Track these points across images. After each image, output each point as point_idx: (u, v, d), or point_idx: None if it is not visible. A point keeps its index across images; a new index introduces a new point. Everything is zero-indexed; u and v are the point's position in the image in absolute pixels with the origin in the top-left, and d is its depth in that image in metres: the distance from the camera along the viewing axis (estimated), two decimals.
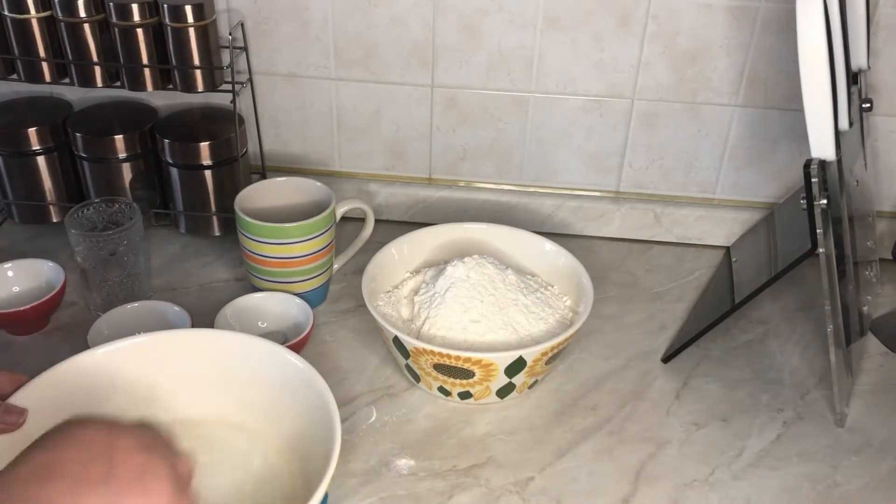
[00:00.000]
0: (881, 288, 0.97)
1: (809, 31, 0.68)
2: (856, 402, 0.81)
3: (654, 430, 0.78)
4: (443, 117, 0.99)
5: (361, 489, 0.71)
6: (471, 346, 0.77)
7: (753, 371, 0.85)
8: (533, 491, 0.71)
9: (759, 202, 1.02)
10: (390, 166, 1.04)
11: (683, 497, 0.71)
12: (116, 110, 0.99)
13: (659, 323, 0.91)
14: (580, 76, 0.95)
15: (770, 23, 0.90)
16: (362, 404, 0.79)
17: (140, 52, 0.89)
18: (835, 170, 0.76)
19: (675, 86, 0.95)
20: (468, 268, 0.80)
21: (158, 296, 0.90)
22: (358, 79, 0.98)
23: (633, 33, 0.92)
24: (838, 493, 0.72)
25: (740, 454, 0.76)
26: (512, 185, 1.04)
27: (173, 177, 0.96)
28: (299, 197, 0.91)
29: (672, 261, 1.01)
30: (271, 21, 0.95)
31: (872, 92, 0.92)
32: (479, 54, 0.95)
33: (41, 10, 0.87)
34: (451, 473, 0.73)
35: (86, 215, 0.86)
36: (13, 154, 0.95)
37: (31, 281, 0.87)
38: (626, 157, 1.01)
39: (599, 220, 1.03)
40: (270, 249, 0.84)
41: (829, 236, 0.73)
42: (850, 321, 0.81)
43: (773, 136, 0.97)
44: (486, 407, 0.79)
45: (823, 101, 0.70)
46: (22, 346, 0.84)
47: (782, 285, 0.86)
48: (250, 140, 1.01)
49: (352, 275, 0.94)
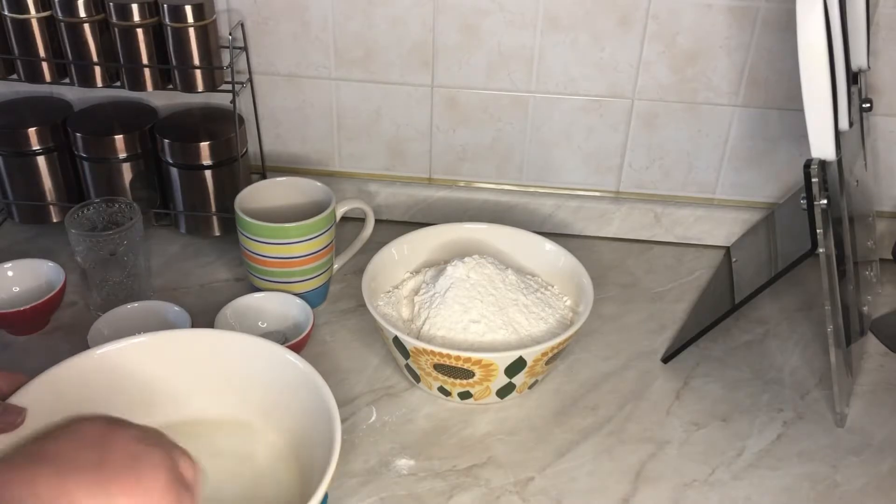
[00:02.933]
0: (881, 288, 0.97)
1: (809, 31, 0.68)
2: (856, 402, 0.81)
3: (654, 430, 0.78)
4: (443, 117, 0.99)
5: (361, 489, 0.71)
6: (471, 346, 0.77)
7: (753, 371, 0.85)
8: (533, 491, 0.71)
9: (759, 202, 1.02)
10: (390, 166, 1.04)
11: (683, 497, 0.71)
12: (116, 110, 0.99)
13: (659, 323, 0.91)
14: (580, 76, 0.95)
15: (770, 23, 0.90)
16: (362, 404, 0.79)
17: (140, 52, 0.89)
18: (835, 170, 0.76)
19: (675, 86, 0.95)
20: (468, 268, 0.80)
21: (158, 296, 0.90)
22: (358, 79, 0.98)
23: (633, 33, 0.92)
24: (838, 493, 0.72)
25: (740, 454, 0.76)
26: (512, 185, 1.04)
27: (173, 177, 0.96)
28: (299, 197, 0.91)
29: (672, 261, 1.01)
30: (271, 21, 0.95)
31: (872, 92, 0.92)
32: (479, 54, 0.95)
33: (41, 10, 0.87)
34: (451, 473, 0.73)
35: (86, 215, 0.86)
36: (13, 154, 0.95)
37: (31, 281, 0.87)
38: (626, 157, 1.01)
39: (599, 220, 1.03)
40: (270, 249, 0.84)
41: (829, 236, 0.73)
42: (850, 321, 0.81)
43: (773, 136, 0.97)
44: (486, 407, 0.79)
45: (823, 101, 0.70)
46: (22, 346, 0.85)
47: (782, 285, 0.86)
48: (250, 140, 1.01)
49: (352, 275, 0.94)
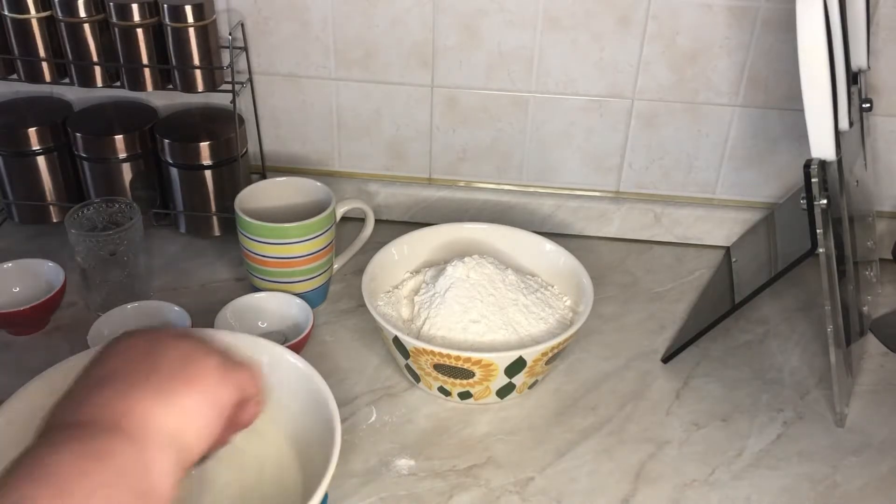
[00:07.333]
0: (881, 288, 0.97)
1: (809, 31, 0.68)
2: (856, 402, 0.81)
3: (654, 430, 0.78)
4: (443, 117, 0.99)
5: (361, 489, 0.71)
6: (471, 346, 0.77)
7: (753, 371, 0.85)
8: (533, 491, 0.71)
9: (759, 202, 1.02)
10: (390, 166, 1.04)
11: (683, 497, 0.71)
12: (116, 110, 0.99)
13: (659, 323, 0.91)
14: (580, 76, 0.95)
15: (770, 23, 0.90)
16: (362, 404, 0.79)
17: (140, 52, 0.89)
18: (835, 170, 0.76)
19: (675, 86, 0.95)
20: (468, 268, 0.80)
21: (158, 296, 0.90)
22: (358, 79, 0.98)
23: (633, 33, 0.92)
24: (838, 493, 0.72)
25: (740, 454, 0.76)
26: (512, 185, 1.04)
27: (173, 177, 0.96)
28: (299, 197, 0.91)
29: (672, 261, 1.01)
30: (271, 21, 0.95)
31: (872, 92, 0.92)
32: (479, 54, 0.95)
33: (41, 10, 0.87)
34: (451, 473, 0.73)
35: (86, 215, 0.86)
36: (13, 154, 0.95)
37: (31, 281, 0.87)
38: (626, 157, 1.01)
39: (599, 220, 1.03)
40: (270, 249, 0.84)
41: (829, 236, 0.73)
42: (850, 321, 0.81)
43: (773, 136, 0.97)
44: (486, 407, 0.79)
45: (823, 102, 0.70)
46: (22, 346, 0.85)
47: (782, 285, 0.86)
48: (250, 140, 1.01)
49: (352, 275, 0.94)
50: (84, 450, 0.44)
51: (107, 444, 0.45)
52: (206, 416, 0.51)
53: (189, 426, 0.49)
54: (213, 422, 0.51)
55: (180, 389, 0.49)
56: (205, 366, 0.52)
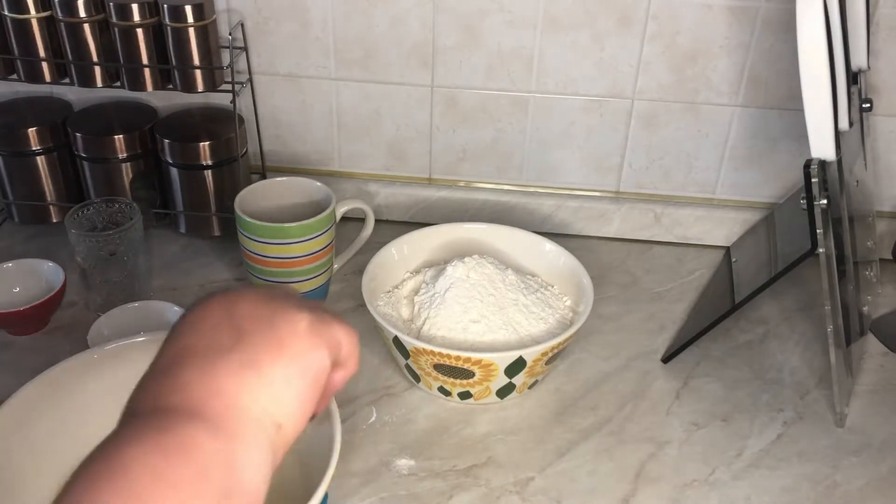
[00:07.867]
0: (881, 288, 0.97)
1: (809, 31, 0.68)
2: (856, 402, 0.81)
3: (654, 430, 0.78)
4: (443, 117, 0.99)
5: (361, 489, 0.71)
6: (471, 346, 0.77)
7: (753, 371, 0.85)
8: (533, 491, 0.71)
9: (759, 202, 1.02)
10: (390, 166, 1.04)
11: (683, 497, 0.71)
12: (116, 110, 0.99)
13: (659, 323, 0.91)
14: (580, 76, 0.95)
15: (770, 23, 0.90)
16: (362, 404, 0.79)
17: (140, 52, 0.89)
18: (835, 170, 0.76)
19: (675, 86, 0.95)
20: (468, 268, 0.80)
21: (158, 296, 0.90)
22: (358, 79, 0.98)
23: (633, 33, 0.92)
24: (838, 493, 0.72)
25: (740, 454, 0.76)
26: (512, 185, 1.04)
27: (173, 177, 0.96)
28: (299, 197, 0.91)
29: (672, 261, 1.01)
30: (271, 21, 0.95)
31: (872, 92, 0.92)
32: (478, 54, 0.95)
33: (41, 10, 0.87)
34: (451, 473, 0.73)
35: (86, 215, 0.86)
36: (13, 154, 0.95)
37: (31, 281, 0.87)
38: (626, 157, 1.01)
39: (599, 220, 1.03)
40: (270, 249, 0.84)
41: (829, 236, 0.73)
42: (850, 321, 0.81)
43: (773, 136, 0.97)
44: (486, 407, 0.79)
45: (823, 102, 0.70)
46: (22, 346, 0.84)
47: (782, 285, 0.86)
48: (250, 140, 1.01)
49: (352, 275, 0.94)
50: (163, 444, 0.38)
51: (188, 436, 0.38)
52: (301, 388, 0.43)
53: (283, 403, 0.42)
54: (309, 394, 0.44)
55: (270, 359, 0.42)
56: (295, 325, 0.44)
